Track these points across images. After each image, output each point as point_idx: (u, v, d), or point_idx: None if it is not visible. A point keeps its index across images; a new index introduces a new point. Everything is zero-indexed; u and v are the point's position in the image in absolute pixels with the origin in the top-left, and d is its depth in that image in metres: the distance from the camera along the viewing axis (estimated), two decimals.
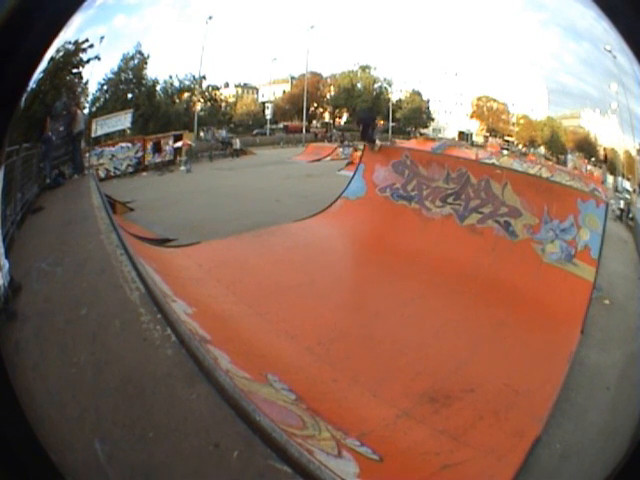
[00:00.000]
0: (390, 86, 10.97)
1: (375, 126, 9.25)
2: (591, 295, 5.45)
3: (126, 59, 8.06)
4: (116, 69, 7.97)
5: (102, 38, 6.36)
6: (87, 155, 7.46)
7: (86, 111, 7.26)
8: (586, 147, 7.93)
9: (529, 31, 7.56)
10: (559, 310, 5.57)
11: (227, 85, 10.34)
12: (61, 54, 5.64)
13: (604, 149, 7.42)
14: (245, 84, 10.54)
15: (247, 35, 8.71)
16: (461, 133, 10.31)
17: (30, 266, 3.83)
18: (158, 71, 8.73)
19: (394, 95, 10.99)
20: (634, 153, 6.12)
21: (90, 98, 7.36)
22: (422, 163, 7.83)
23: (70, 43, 5.80)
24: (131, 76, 8.29)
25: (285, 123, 11.11)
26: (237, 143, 10.03)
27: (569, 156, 8.33)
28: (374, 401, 4.02)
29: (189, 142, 9.38)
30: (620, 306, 5.31)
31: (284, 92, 10.94)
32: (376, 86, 11.01)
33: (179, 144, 9.17)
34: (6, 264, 3.31)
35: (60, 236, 4.68)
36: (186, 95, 9.48)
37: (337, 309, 5.45)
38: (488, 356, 4.78)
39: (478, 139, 10.10)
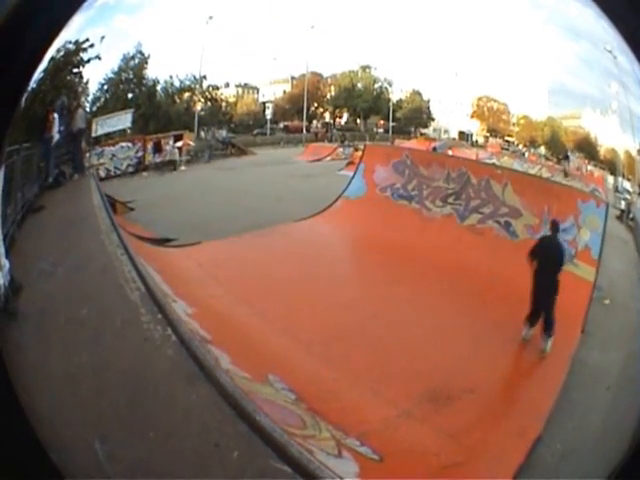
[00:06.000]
0: (390, 86, 10.97)
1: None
2: (591, 295, 5.45)
3: (126, 59, 8.05)
4: (116, 69, 7.97)
5: (102, 38, 6.35)
6: (87, 155, 7.45)
7: (86, 111, 7.26)
8: (586, 147, 7.93)
9: (529, 31, 7.55)
10: (559, 310, 5.56)
11: (227, 85, 10.33)
12: (61, 54, 5.63)
13: (604, 149, 7.42)
14: (245, 84, 10.53)
15: (247, 35, 8.71)
16: (461, 133, 10.30)
17: (31, 266, 3.83)
18: (158, 71, 8.73)
19: (394, 95, 10.99)
20: (634, 153, 6.11)
21: (91, 98, 7.35)
22: (422, 163, 7.83)
23: (70, 43, 5.79)
24: (131, 76, 8.28)
25: (285, 123, 11.10)
26: (175, 154, 9.13)
27: (570, 156, 8.32)
28: (374, 401, 4.02)
29: (189, 142, 9.37)
30: (620, 306, 5.31)
31: (284, 92, 10.93)
32: (376, 86, 11.00)
33: (179, 144, 9.16)
34: (6, 264, 3.31)
35: (61, 236, 4.67)
36: (186, 95, 9.47)
37: (337, 309, 5.45)
38: (488, 356, 4.77)
39: (478, 139, 10.09)
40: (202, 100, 9.85)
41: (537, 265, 4.88)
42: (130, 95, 8.43)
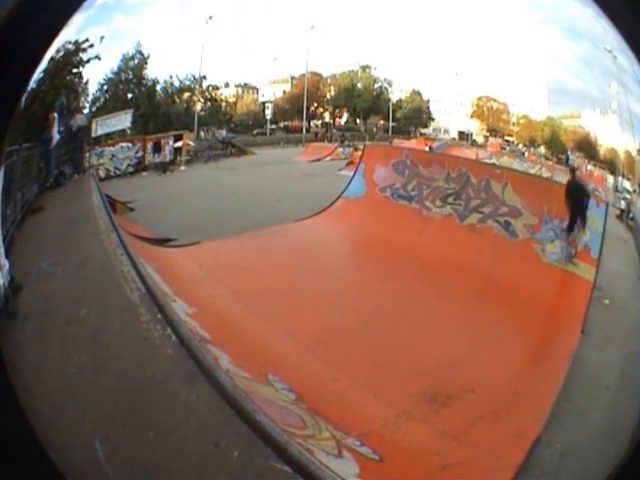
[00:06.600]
0: (390, 86, 10.98)
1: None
2: (591, 295, 5.45)
3: (126, 59, 8.06)
4: (116, 69, 7.98)
5: (102, 38, 6.36)
6: (87, 155, 7.46)
7: (86, 111, 7.26)
8: (586, 147, 7.93)
9: (529, 31, 7.56)
10: (559, 310, 5.57)
11: (227, 85, 10.34)
12: (61, 54, 5.63)
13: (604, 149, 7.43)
14: (245, 84, 10.54)
15: (247, 35, 8.71)
16: (461, 133, 10.31)
17: (30, 266, 3.83)
18: (158, 71, 8.74)
19: (394, 95, 11.00)
20: (634, 153, 6.11)
21: (90, 98, 7.36)
22: (422, 163, 7.83)
23: (70, 43, 5.80)
24: (131, 76, 8.28)
25: (285, 123, 11.11)
26: (167, 156, 8.73)
27: (569, 156, 8.32)
28: (374, 401, 4.02)
29: (189, 142, 9.37)
30: (620, 306, 5.31)
31: (284, 92, 10.93)
32: (376, 86, 11.01)
33: (179, 144, 9.16)
34: (6, 264, 3.31)
35: (60, 236, 4.68)
36: (186, 95, 9.48)
37: (337, 309, 5.45)
38: (488, 356, 4.78)
39: (478, 139, 10.10)
40: (202, 100, 9.85)
41: (570, 201, 6.26)
42: (130, 95, 8.44)
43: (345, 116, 11.71)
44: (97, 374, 3.04)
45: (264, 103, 10.71)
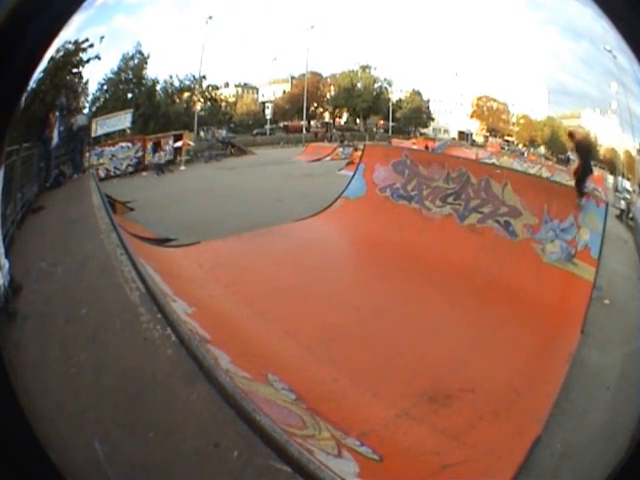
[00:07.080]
0: (390, 86, 10.98)
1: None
2: (591, 295, 5.45)
3: (126, 59, 8.05)
4: (116, 69, 7.96)
5: (102, 38, 6.35)
6: (87, 155, 7.45)
7: (86, 111, 7.26)
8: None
9: (529, 31, 7.56)
10: (559, 310, 5.56)
11: (227, 85, 10.34)
12: (61, 54, 5.63)
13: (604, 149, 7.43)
14: (245, 84, 10.53)
15: (247, 35, 8.71)
16: (461, 133, 10.30)
17: (30, 266, 3.83)
18: (158, 71, 8.73)
19: (394, 95, 11.00)
20: (634, 153, 6.11)
21: (90, 98, 7.35)
22: (422, 163, 7.83)
23: (70, 43, 5.79)
24: (131, 76, 8.27)
25: (285, 123, 11.10)
26: (162, 157, 8.78)
27: (569, 156, 8.32)
28: (374, 401, 4.02)
29: (189, 142, 9.37)
30: (620, 306, 5.31)
31: (284, 92, 10.93)
32: (376, 86, 11.01)
33: (179, 144, 9.16)
34: (6, 264, 3.31)
35: (60, 236, 4.68)
36: (186, 95, 9.47)
37: (337, 309, 5.45)
38: (488, 356, 4.78)
39: (478, 139, 10.10)
40: (202, 100, 9.85)
41: (581, 160, 6.77)
42: (130, 95, 8.43)
43: (345, 116, 11.71)
44: (97, 374, 3.04)
45: (264, 103, 10.71)
